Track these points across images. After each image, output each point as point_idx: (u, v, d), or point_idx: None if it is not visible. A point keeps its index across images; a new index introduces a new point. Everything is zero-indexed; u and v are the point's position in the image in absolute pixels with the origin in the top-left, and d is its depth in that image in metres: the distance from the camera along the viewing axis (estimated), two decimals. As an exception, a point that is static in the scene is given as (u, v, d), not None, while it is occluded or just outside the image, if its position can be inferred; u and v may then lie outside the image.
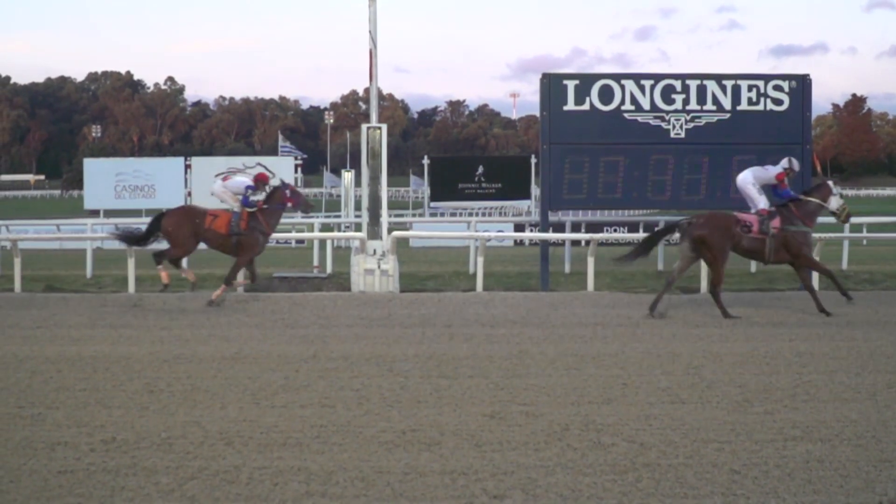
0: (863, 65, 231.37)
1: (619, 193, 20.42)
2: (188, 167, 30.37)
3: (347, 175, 51.25)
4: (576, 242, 27.08)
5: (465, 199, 39.14)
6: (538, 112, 21.43)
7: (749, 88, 20.60)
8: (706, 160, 20.36)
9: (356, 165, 25.46)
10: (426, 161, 40.03)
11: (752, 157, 20.23)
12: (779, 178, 17.03)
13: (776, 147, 20.34)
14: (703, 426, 8.70)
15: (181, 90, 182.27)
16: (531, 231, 30.27)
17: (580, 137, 20.35)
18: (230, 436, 8.35)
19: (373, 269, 19.68)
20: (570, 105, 20.45)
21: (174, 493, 6.94)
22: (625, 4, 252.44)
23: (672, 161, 20.34)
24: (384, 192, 20.71)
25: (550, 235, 21.74)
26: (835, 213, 17.24)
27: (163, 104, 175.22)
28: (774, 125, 20.49)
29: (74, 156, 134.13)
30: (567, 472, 7.39)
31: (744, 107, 20.51)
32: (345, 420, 8.93)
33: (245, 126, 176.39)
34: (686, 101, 20.49)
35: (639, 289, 20.53)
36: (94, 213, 32.37)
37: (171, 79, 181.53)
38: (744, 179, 17.10)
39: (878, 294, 19.63)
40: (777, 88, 20.63)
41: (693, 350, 12.69)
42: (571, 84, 20.59)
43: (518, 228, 35.32)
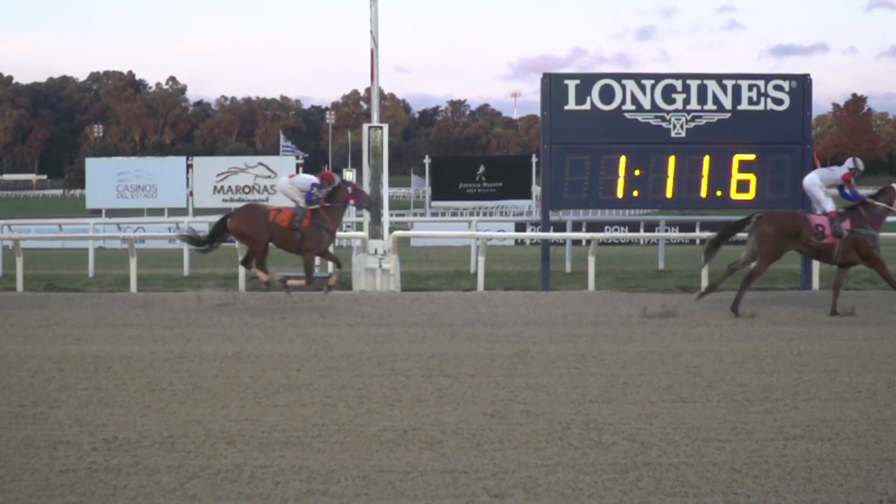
0: (863, 64, 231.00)
1: (620, 193, 20.41)
2: (190, 167, 30.37)
3: (349, 174, 51.29)
4: (577, 242, 27.08)
5: (466, 199, 39.18)
6: (539, 112, 21.44)
7: (749, 88, 20.60)
8: (707, 160, 20.36)
9: (357, 165, 25.50)
10: (427, 161, 40.05)
11: (753, 157, 20.29)
12: (845, 179, 17.23)
13: (777, 147, 20.40)
14: (704, 425, 8.71)
15: (183, 90, 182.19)
16: (532, 230, 30.34)
17: (581, 137, 20.35)
18: (232, 435, 8.36)
19: (374, 269, 19.70)
20: (571, 105, 20.46)
21: (176, 492, 6.95)
22: (625, 4, 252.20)
23: (673, 161, 20.34)
24: (385, 192, 20.73)
25: (551, 235, 21.75)
26: None
27: (164, 104, 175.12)
28: (775, 125, 20.49)
29: (76, 155, 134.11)
30: (568, 471, 7.40)
31: (744, 106, 20.51)
32: (346, 419, 8.94)
33: (247, 126, 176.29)
34: (687, 101, 20.49)
35: (639, 288, 20.53)
36: (96, 213, 32.41)
37: (173, 78, 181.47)
38: (810, 181, 17.26)
39: (879, 293, 19.62)
40: (777, 88, 20.63)
41: (694, 349, 12.71)
42: (572, 84, 20.60)
43: (519, 228, 35.41)
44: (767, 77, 20.90)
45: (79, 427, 8.64)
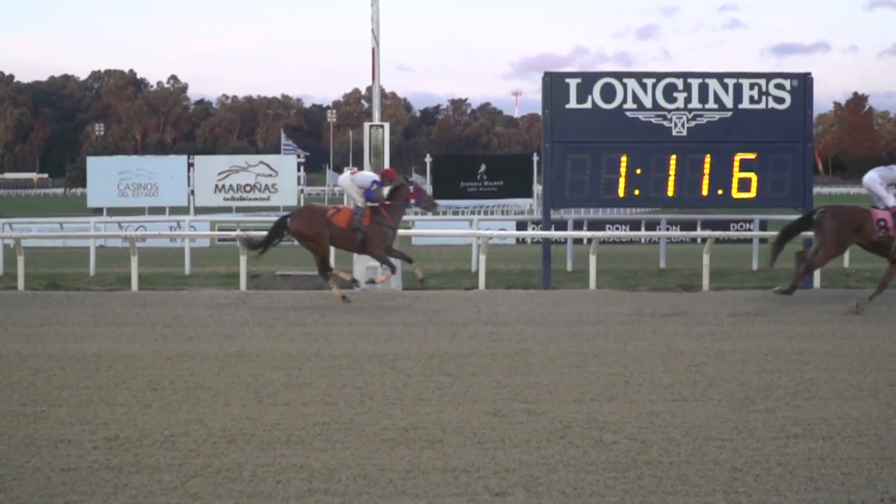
0: (864, 63, 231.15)
1: (621, 192, 20.39)
2: (191, 165, 30.35)
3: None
4: (578, 240, 27.03)
5: (468, 198, 38.98)
6: (540, 110, 21.44)
7: (751, 87, 20.59)
8: (708, 158, 20.35)
9: (359, 164, 25.40)
10: (428, 159, 39.86)
11: (754, 156, 20.28)
12: None
13: (778, 145, 20.39)
14: (705, 424, 8.71)
15: (184, 88, 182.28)
16: (533, 229, 30.28)
17: (582, 136, 20.35)
18: (233, 433, 8.36)
19: (375, 267, 19.67)
20: (573, 103, 20.45)
21: (177, 491, 6.95)
22: (627, 3, 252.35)
23: (674, 159, 20.33)
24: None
25: (552, 234, 21.75)
26: None
27: (166, 102, 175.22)
28: (776, 123, 20.48)
29: (78, 154, 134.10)
30: (569, 470, 7.40)
31: (745, 105, 20.50)
32: (347, 418, 8.94)
33: (248, 124, 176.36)
34: (688, 100, 20.48)
35: (640, 287, 20.52)
36: (98, 212, 32.38)
37: (174, 77, 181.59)
38: (870, 178, 17.38)
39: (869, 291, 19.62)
40: (779, 87, 20.62)
41: (695, 348, 12.70)
42: (573, 82, 20.59)
43: (520, 226, 35.29)
44: (768, 76, 20.89)
45: (80, 426, 8.65)
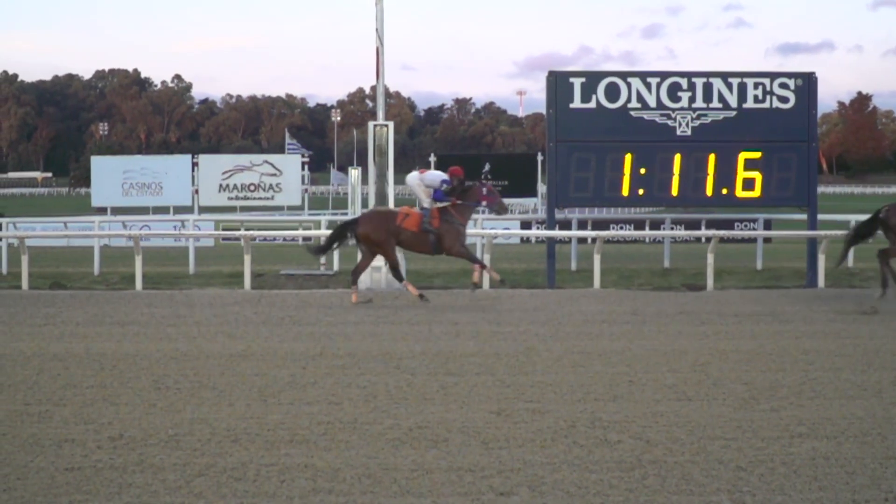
0: (869, 63, 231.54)
1: (626, 191, 20.41)
2: (195, 165, 30.31)
3: (354, 172, 51.04)
4: (582, 240, 27.03)
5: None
6: (545, 110, 21.47)
7: (755, 86, 20.60)
8: (712, 158, 20.36)
9: (363, 163, 25.34)
10: (433, 158, 39.87)
11: (759, 155, 20.29)
12: None
13: (782, 145, 20.39)
14: (710, 423, 8.70)
15: (188, 88, 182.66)
16: (537, 228, 30.28)
17: (587, 135, 20.37)
18: (237, 433, 8.36)
19: (379, 267, 19.67)
20: (577, 103, 20.47)
21: (181, 490, 6.95)
22: (632, 2, 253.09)
23: (678, 159, 20.33)
24: (391, 190, 20.74)
25: (557, 233, 21.76)
26: None
27: (170, 102, 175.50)
28: (780, 123, 20.49)
29: (82, 153, 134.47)
30: (573, 469, 7.39)
31: (750, 104, 20.52)
32: (352, 417, 8.94)
33: (252, 124, 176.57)
34: (692, 99, 20.50)
35: (645, 286, 20.52)
36: (102, 211, 32.38)
37: (179, 76, 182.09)
38: None
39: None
40: (783, 86, 20.64)
41: (699, 347, 12.69)
42: (578, 82, 20.60)
43: (524, 226, 35.31)
44: (773, 75, 20.90)
45: (84, 425, 8.64)
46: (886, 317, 15.72)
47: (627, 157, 20.27)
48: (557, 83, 20.59)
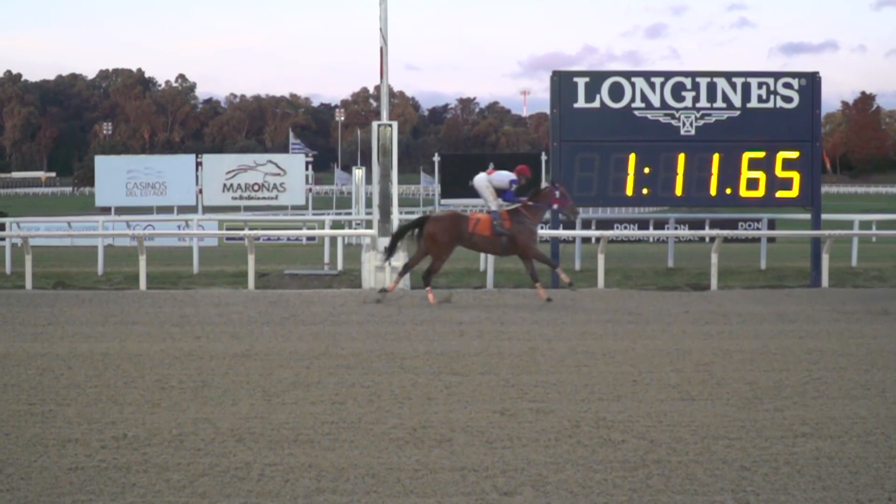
0: (872, 63, 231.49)
1: (630, 191, 20.42)
2: (199, 164, 30.27)
3: (358, 172, 51.15)
4: (586, 239, 27.05)
5: (476, 197, 39.04)
6: (549, 109, 21.46)
7: (759, 86, 20.61)
8: (716, 157, 20.36)
9: (367, 163, 25.37)
10: (437, 158, 39.88)
11: (762, 155, 20.29)
12: None
13: (786, 144, 20.39)
14: (713, 423, 8.70)
15: (192, 87, 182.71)
16: (542, 228, 30.26)
17: (590, 135, 20.38)
18: (241, 432, 8.36)
19: (383, 267, 19.68)
20: (581, 102, 20.47)
21: (185, 490, 6.95)
22: (636, 2, 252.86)
23: (682, 158, 20.33)
24: (395, 190, 20.73)
25: (560, 232, 21.75)
26: None
27: (174, 101, 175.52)
28: (784, 122, 20.50)
29: (85, 153, 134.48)
30: (577, 469, 7.39)
31: (754, 104, 20.52)
32: (355, 417, 8.94)
33: (256, 123, 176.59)
34: (696, 99, 20.51)
35: (648, 286, 20.51)
36: (106, 211, 32.38)
37: (183, 76, 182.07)
38: None
39: (888, 291, 19.62)
40: (787, 86, 20.64)
41: (703, 347, 12.69)
42: (582, 81, 20.61)
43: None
44: (777, 75, 20.91)
45: (88, 425, 8.64)
46: (890, 316, 15.72)
47: (631, 157, 20.28)
48: (561, 83, 20.59)
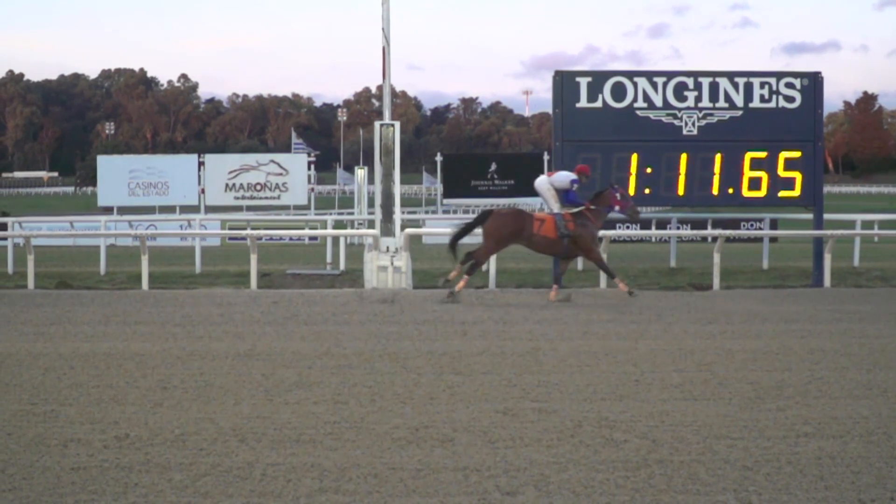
0: (874, 62, 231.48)
1: (632, 191, 20.37)
2: (201, 164, 30.31)
3: (360, 172, 51.30)
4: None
5: (478, 196, 39.01)
6: (551, 109, 21.46)
7: (761, 86, 20.60)
8: (719, 157, 20.35)
9: (369, 162, 25.44)
10: (439, 158, 39.95)
11: (765, 155, 20.28)
12: None
13: (788, 144, 20.37)
14: (716, 423, 8.70)
15: (194, 87, 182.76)
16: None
17: (593, 135, 20.37)
18: (243, 432, 8.36)
19: (386, 266, 19.70)
20: (583, 102, 20.47)
21: (187, 490, 6.95)
22: (638, 2, 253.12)
23: (684, 158, 20.33)
24: (397, 189, 20.72)
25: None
26: None
27: (176, 101, 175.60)
28: (786, 122, 20.49)
29: (88, 153, 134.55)
30: (580, 469, 7.39)
31: (756, 104, 20.51)
32: (358, 416, 8.94)
33: (258, 123, 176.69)
34: (698, 99, 20.49)
35: (651, 286, 20.51)
36: (108, 211, 32.43)
37: (185, 76, 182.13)
38: None
39: (890, 291, 19.62)
40: (789, 86, 20.63)
41: (705, 347, 12.68)
42: (584, 81, 20.60)
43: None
44: (779, 75, 20.90)
45: (90, 425, 8.65)
46: (893, 316, 15.71)
47: (634, 157, 20.27)
48: (564, 83, 20.59)
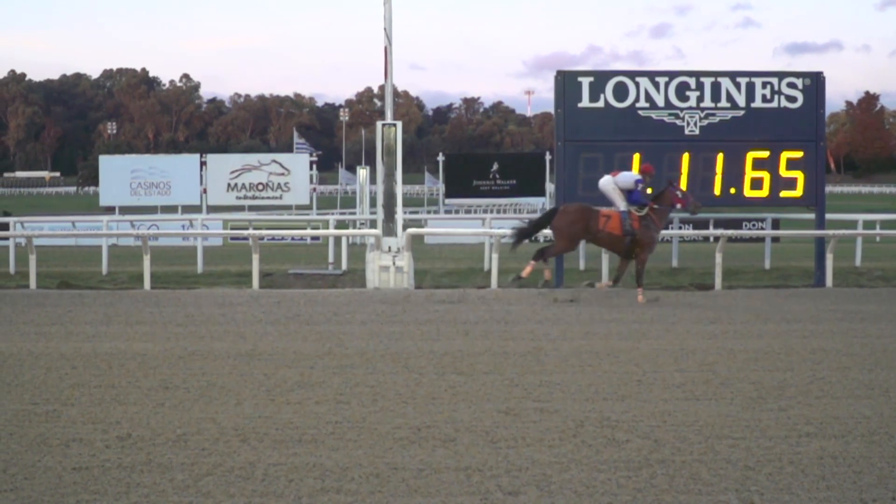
0: (876, 62, 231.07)
1: (633, 190, 20.39)
2: (203, 164, 30.29)
3: (362, 172, 51.21)
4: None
5: (480, 196, 39.07)
6: (553, 109, 21.46)
7: (763, 86, 20.60)
8: (720, 157, 20.35)
9: (371, 162, 25.39)
10: (441, 158, 39.92)
11: (766, 155, 20.27)
12: None
13: (790, 144, 20.37)
14: (718, 423, 8.70)
15: (196, 87, 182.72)
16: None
17: (595, 134, 20.36)
18: (245, 432, 8.37)
19: (388, 266, 19.70)
20: (585, 102, 20.46)
21: (189, 490, 6.96)
22: (641, 2, 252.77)
23: (686, 158, 20.32)
24: (399, 189, 20.73)
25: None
26: None
27: (178, 101, 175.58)
28: (788, 122, 20.49)
29: (90, 152, 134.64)
30: (581, 469, 7.39)
31: (758, 104, 20.51)
32: (360, 416, 8.94)
33: (260, 123, 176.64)
34: (700, 99, 20.49)
35: (652, 286, 20.50)
36: (110, 210, 32.45)
37: (187, 76, 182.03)
38: None
39: (892, 290, 19.61)
40: (791, 86, 20.63)
41: (707, 347, 12.69)
42: (586, 81, 20.59)
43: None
44: (781, 75, 20.89)
45: (92, 425, 8.65)
46: (894, 316, 15.71)
47: (636, 157, 20.25)
48: (566, 82, 20.58)
